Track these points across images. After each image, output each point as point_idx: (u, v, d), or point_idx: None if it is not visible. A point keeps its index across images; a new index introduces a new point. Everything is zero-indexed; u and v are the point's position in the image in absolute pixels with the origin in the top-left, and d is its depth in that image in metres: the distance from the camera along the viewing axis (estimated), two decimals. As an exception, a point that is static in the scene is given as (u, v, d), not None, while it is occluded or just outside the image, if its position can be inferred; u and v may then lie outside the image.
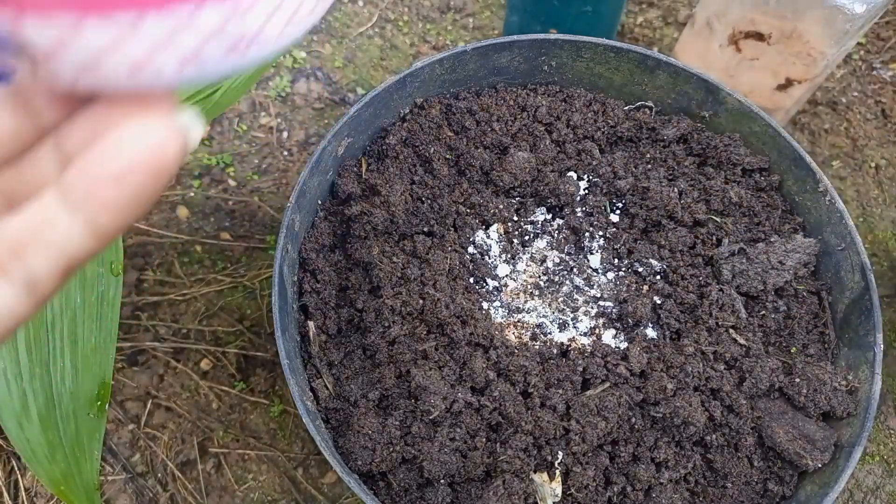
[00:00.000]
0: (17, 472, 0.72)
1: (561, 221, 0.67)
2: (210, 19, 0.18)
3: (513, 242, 0.66)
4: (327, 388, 0.59)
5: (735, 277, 0.62)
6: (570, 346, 0.60)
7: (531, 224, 0.67)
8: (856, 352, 0.60)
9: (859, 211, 0.93)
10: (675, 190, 0.66)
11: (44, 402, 0.52)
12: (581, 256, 0.65)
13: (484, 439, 0.55)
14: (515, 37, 0.67)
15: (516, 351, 0.59)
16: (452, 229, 0.65)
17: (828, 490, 0.53)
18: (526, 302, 0.63)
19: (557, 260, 0.65)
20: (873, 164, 0.97)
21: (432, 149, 0.67)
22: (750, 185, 0.69)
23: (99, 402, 0.53)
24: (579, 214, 0.67)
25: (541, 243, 0.66)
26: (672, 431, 0.56)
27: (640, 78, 0.70)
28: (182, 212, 0.88)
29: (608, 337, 0.61)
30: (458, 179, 0.67)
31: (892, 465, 0.78)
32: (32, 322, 0.53)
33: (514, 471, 0.53)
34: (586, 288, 0.64)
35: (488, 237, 0.65)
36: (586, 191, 0.68)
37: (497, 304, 0.63)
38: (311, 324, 0.61)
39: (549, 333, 0.61)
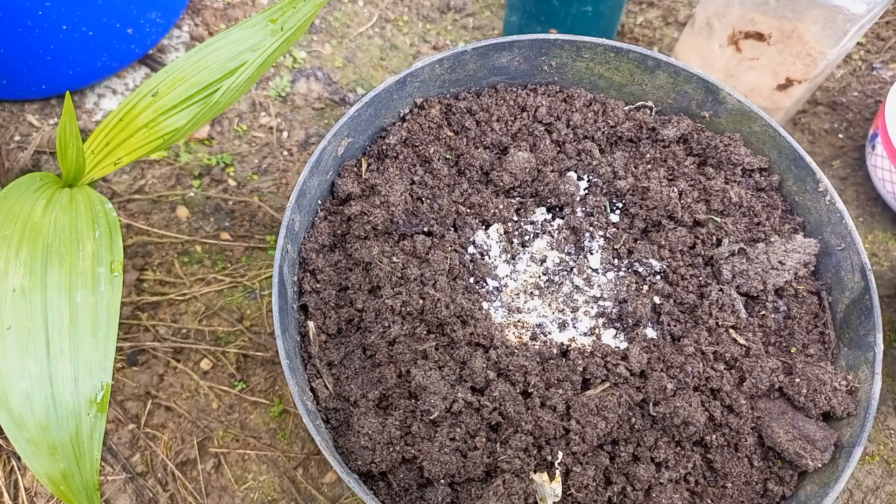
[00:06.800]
0: (17, 472, 0.72)
1: (561, 221, 0.67)
2: None
3: (513, 242, 0.66)
4: (327, 388, 0.59)
5: (735, 277, 0.62)
6: (570, 346, 0.60)
7: (531, 224, 0.67)
8: (856, 352, 0.60)
9: (859, 211, 0.93)
10: (675, 190, 0.66)
11: (44, 402, 0.51)
12: (581, 256, 0.65)
13: (484, 439, 0.55)
14: (515, 37, 0.67)
15: (516, 351, 0.59)
16: (452, 229, 0.65)
17: (828, 490, 0.53)
18: (526, 302, 0.63)
19: (557, 260, 0.65)
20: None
21: (432, 149, 0.67)
22: (750, 185, 0.69)
23: (99, 402, 0.53)
24: (579, 214, 0.67)
25: (541, 243, 0.66)
26: (672, 431, 0.56)
27: (640, 78, 0.70)
28: (182, 212, 0.88)
29: (608, 337, 0.61)
30: (458, 179, 0.67)
31: (892, 465, 0.78)
32: (33, 321, 0.53)
33: (514, 471, 0.53)
34: (586, 288, 0.64)
35: (488, 237, 0.65)
36: (586, 191, 0.68)
37: (497, 304, 0.63)
38: (311, 324, 0.61)
39: (549, 333, 0.61)
